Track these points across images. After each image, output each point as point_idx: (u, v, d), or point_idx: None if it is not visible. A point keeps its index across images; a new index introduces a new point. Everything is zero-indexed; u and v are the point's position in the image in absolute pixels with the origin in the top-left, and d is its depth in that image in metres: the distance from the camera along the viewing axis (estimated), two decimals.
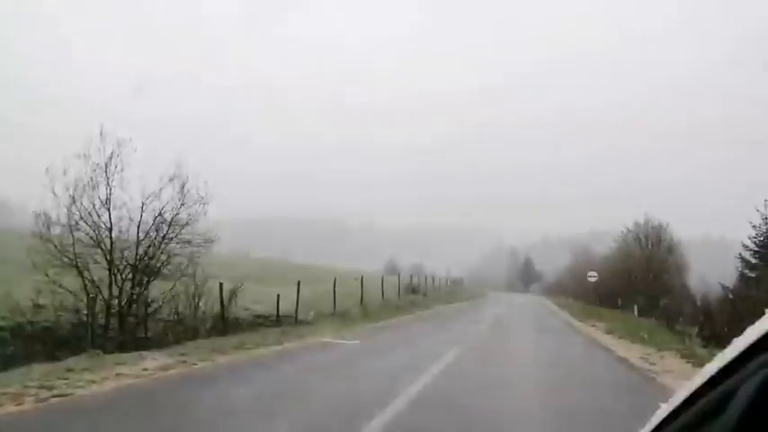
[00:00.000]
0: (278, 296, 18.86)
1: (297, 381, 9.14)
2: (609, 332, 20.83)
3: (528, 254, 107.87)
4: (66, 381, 7.61)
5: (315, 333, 16.01)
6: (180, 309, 15.53)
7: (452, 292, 47.23)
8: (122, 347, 11.98)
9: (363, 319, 21.63)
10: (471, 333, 18.34)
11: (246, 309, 18.88)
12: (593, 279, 40.70)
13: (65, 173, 13.52)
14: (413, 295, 35.23)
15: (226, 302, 16.43)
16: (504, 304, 40.50)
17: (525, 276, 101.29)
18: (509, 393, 8.89)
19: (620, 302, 36.14)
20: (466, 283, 68.15)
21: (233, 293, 16.97)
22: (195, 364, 9.88)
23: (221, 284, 16.26)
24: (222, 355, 11.05)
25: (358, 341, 14.62)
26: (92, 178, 13.97)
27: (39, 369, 8.66)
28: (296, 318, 19.17)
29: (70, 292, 13.20)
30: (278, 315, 18.69)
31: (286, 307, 19.26)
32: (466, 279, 72.96)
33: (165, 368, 9.21)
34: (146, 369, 8.97)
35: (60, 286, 13.13)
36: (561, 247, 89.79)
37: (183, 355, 10.56)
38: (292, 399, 7.62)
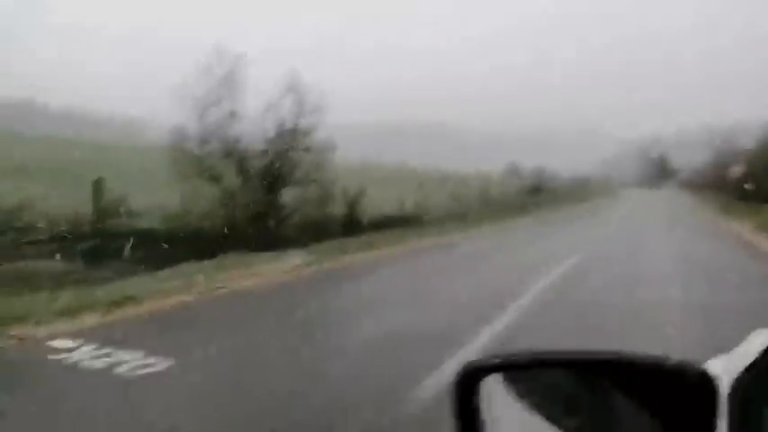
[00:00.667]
0: (401, 200, 19.36)
1: (425, 277, 9.50)
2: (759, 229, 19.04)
3: (662, 151, 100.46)
4: (219, 277, 8.51)
5: (439, 233, 16.36)
6: (311, 212, 16.47)
7: (578, 192, 45.64)
8: (262, 248, 13.03)
9: (487, 219, 21.67)
10: (601, 233, 17.77)
11: (372, 211, 19.60)
12: (737, 173, 37.27)
13: (192, 89, 14.34)
14: (536, 197, 34.53)
15: (352, 205, 17.17)
16: (635, 202, 38.53)
17: (659, 173, 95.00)
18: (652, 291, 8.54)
19: None
20: (594, 182, 65.34)
21: (358, 197, 17.66)
22: (328, 262, 10.58)
23: (346, 189, 16.95)
24: (351, 254, 11.72)
25: (483, 241, 14.77)
26: (219, 93, 14.74)
27: (195, 266, 9.72)
28: (420, 219, 19.66)
29: (212, 199, 14.44)
30: (403, 217, 19.25)
31: (410, 209, 19.74)
32: (594, 178, 69.87)
33: (301, 266, 9.96)
34: (285, 266, 9.75)
35: (202, 194, 14.40)
36: (699, 144, 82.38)
37: (316, 254, 11.32)
38: (422, 292, 7.96)
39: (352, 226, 16.81)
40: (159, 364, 4.39)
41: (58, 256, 11.89)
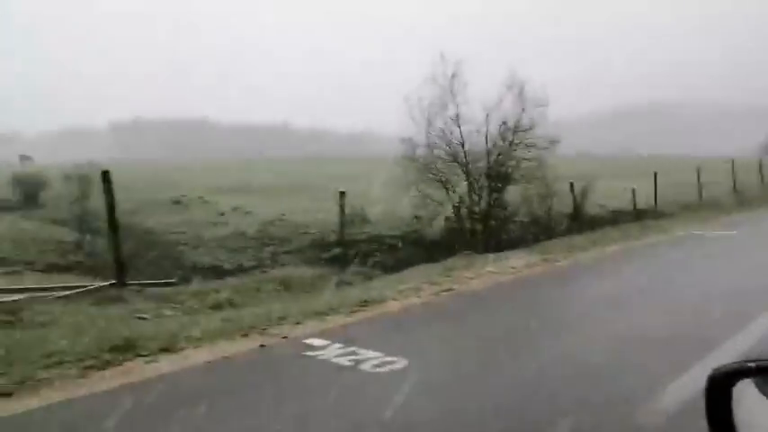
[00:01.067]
0: (633, 190, 17.87)
1: (665, 274, 8.62)
2: None
3: None
4: (448, 278, 8.72)
5: (680, 225, 14.73)
6: (534, 210, 16.08)
7: None
8: (488, 248, 13.08)
9: (737, 207, 18.90)
10: None
11: (600, 205, 18.44)
12: None
13: (419, 99, 15.07)
14: None
15: (578, 200, 16.35)
16: None
17: None
18: None
19: None
20: None
21: (584, 191, 16.77)
22: (557, 261, 10.19)
23: (572, 183, 16.19)
24: (581, 252, 11.13)
25: (734, 232, 12.91)
26: (440, 100, 15.25)
27: (425, 269, 10.14)
28: (656, 210, 17.93)
29: (439, 203, 14.96)
30: (635, 209, 17.76)
31: (642, 201, 18.12)
32: None
33: (529, 266, 9.75)
34: (513, 267, 9.63)
35: (430, 199, 15.02)
36: None
37: (543, 253, 10.98)
38: (663, 292, 7.25)
39: (579, 222, 16.00)
40: (397, 362, 4.68)
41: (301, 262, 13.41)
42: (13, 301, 7.46)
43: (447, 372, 4.62)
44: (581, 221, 16.07)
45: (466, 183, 15.34)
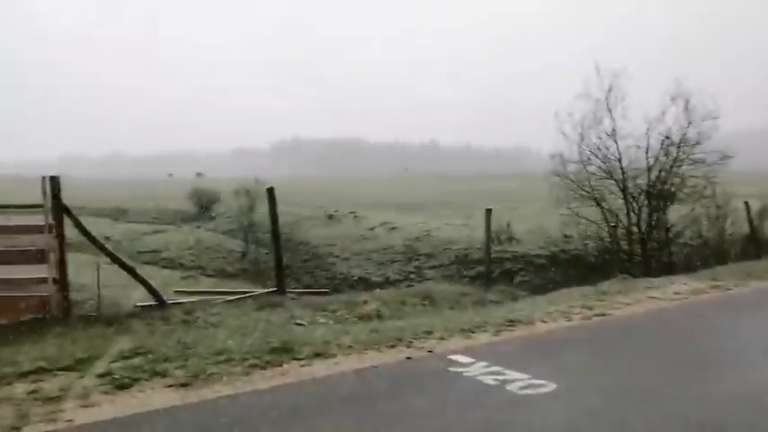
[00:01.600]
0: None
1: None
2: None
3: None
4: (602, 302, 8.25)
5: None
6: (703, 232, 14.68)
7: None
8: (647, 272, 12.17)
9: None
10: None
11: None
12: None
13: (570, 114, 14.55)
14: None
15: (755, 221, 14.63)
16: None
17: None
18: None
19: None
20: None
21: (764, 211, 14.97)
22: (729, 289, 9.21)
23: (747, 203, 14.55)
24: (758, 280, 9.95)
25: None
26: (595, 114, 14.58)
27: (576, 291, 9.67)
28: None
29: (592, 222, 14.24)
30: None
31: None
32: None
33: (696, 292, 8.92)
34: (677, 293, 8.87)
35: (582, 217, 14.35)
36: None
37: (714, 279, 9.98)
38: None
39: (757, 246, 14.30)
40: (545, 386, 4.53)
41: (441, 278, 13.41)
42: (190, 302, 8.34)
43: (597, 400, 4.37)
44: (759, 245, 14.37)
45: (622, 201, 14.45)
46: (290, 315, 8.00)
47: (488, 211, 12.16)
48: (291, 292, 9.69)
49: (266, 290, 9.65)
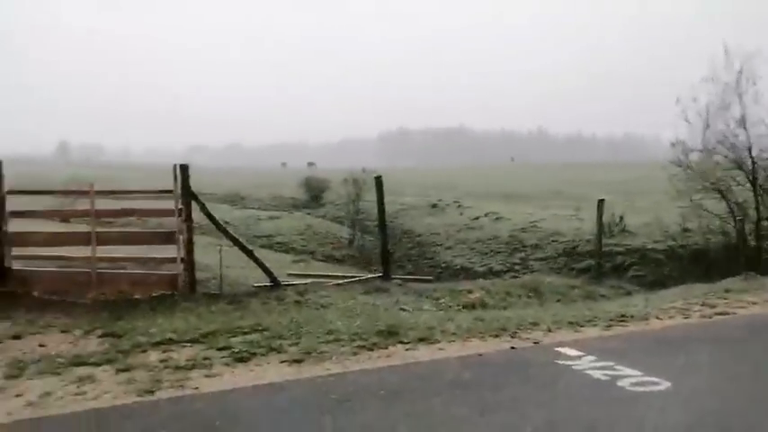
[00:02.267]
0: None
1: None
2: None
3: None
4: (725, 300, 7.70)
5: None
6: None
7: None
8: None
9: None
10: None
11: None
12: None
13: (695, 99, 13.56)
14: None
15: None
16: None
17: None
18: None
19: None
20: None
21: None
22: None
23: None
24: None
25: None
26: (722, 99, 13.50)
27: (696, 288, 9.09)
28: None
29: (716, 216, 13.25)
30: None
31: None
32: None
33: None
34: None
35: (704, 210, 13.39)
36: None
37: None
38: None
39: None
40: (659, 384, 4.34)
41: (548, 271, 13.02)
42: (302, 284, 8.77)
43: (716, 403, 4.12)
44: None
45: (751, 193, 13.31)
46: (395, 300, 8.19)
47: (600, 202, 11.67)
48: (396, 278, 9.90)
49: (372, 275, 9.93)
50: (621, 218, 15.69)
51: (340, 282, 9.29)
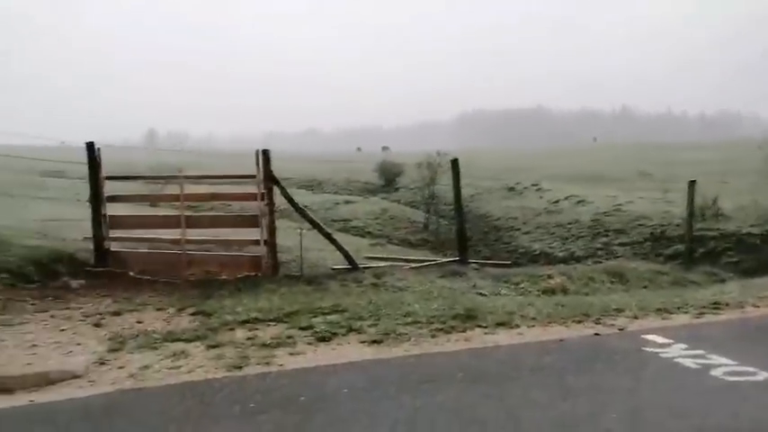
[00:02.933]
0: None
1: None
2: None
3: None
4: None
5: None
6: None
7: None
8: None
9: None
10: None
11: None
12: None
13: None
14: None
15: None
16: None
17: None
18: None
19: None
20: None
21: None
22: None
23: None
24: None
25: None
26: None
27: None
28: None
29: None
30: None
31: None
32: None
33: None
34: None
35: None
36: None
37: None
38: None
39: None
40: (756, 374, 4.09)
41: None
42: (380, 267, 8.87)
43: None
44: None
45: None
46: (473, 284, 8.14)
47: (691, 184, 11.04)
48: (473, 262, 9.82)
49: (449, 259, 9.90)
50: (715, 200, 14.79)
51: (416, 265, 9.32)
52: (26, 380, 4.36)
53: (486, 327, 5.51)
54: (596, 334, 5.36)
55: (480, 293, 7.59)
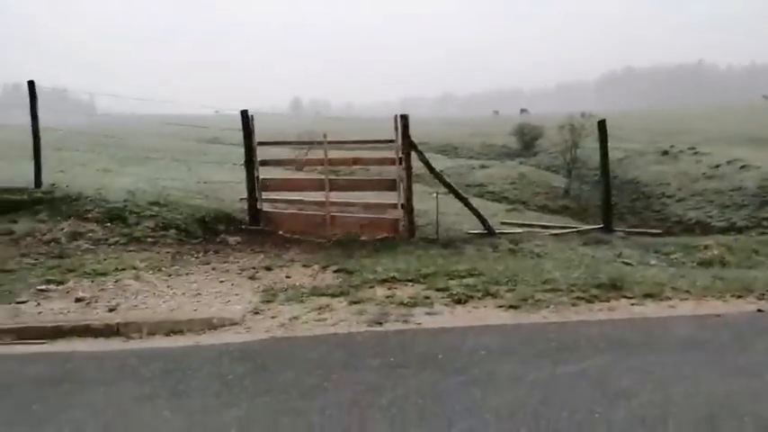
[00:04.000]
0: None
1: None
2: None
3: None
4: None
5: None
6: None
7: None
8: None
9: None
10: None
11: None
12: None
13: None
14: None
15: None
16: None
17: None
18: None
19: None
20: None
21: None
22: None
23: None
24: None
25: None
26: None
27: None
28: None
29: None
30: None
31: None
32: None
33: None
34: None
35: None
36: None
37: None
38: None
39: None
40: None
41: None
42: (517, 233, 8.70)
43: None
44: None
45: None
46: (618, 253, 7.71)
47: None
48: (618, 230, 9.28)
49: (592, 227, 9.44)
50: None
51: (556, 232, 9.01)
52: (193, 324, 4.90)
53: (632, 298, 5.23)
54: (759, 310, 4.88)
55: (626, 263, 7.17)
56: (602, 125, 8.84)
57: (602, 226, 8.98)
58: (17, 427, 3.21)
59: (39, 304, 5.32)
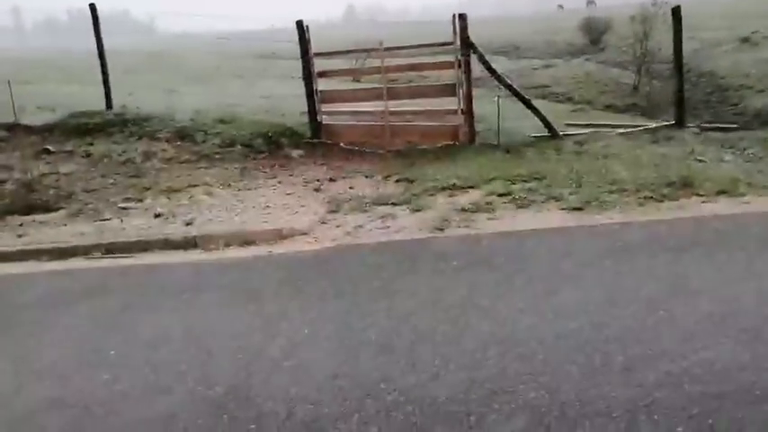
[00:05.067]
0: None
1: None
2: None
3: None
4: None
5: None
6: None
7: None
8: None
9: None
10: None
11: None
12: None
13: None
14: None
15: None
16: None
17: None
18: None
19: None
20: None
21: None
22: None
23: None
24: None
25: None
26: None
27: None
28: None
29: None
30: None
31: None
32: None
33: None
34: None
35: None
36: None
37: None
38: None
39: None
40: None
41: None
42: (582, 134, 8.43)
43: None
44: None
45: None
46: (690, 150, 7.37)
47: None
48: (691, 126, 8.82)
49: (663, 124, 9.01)
50: None
51: (624, 131, 8.66)
52: (264, 235, 5.15)
53: (703, 195, 5.07)
54: None
55: (699, 160, 6.86)
56: (675, 12, 8.19)
57: (673, 123, 8.55)
58: (112, 332, 3.55)
59: (122, 221, 5.71)
